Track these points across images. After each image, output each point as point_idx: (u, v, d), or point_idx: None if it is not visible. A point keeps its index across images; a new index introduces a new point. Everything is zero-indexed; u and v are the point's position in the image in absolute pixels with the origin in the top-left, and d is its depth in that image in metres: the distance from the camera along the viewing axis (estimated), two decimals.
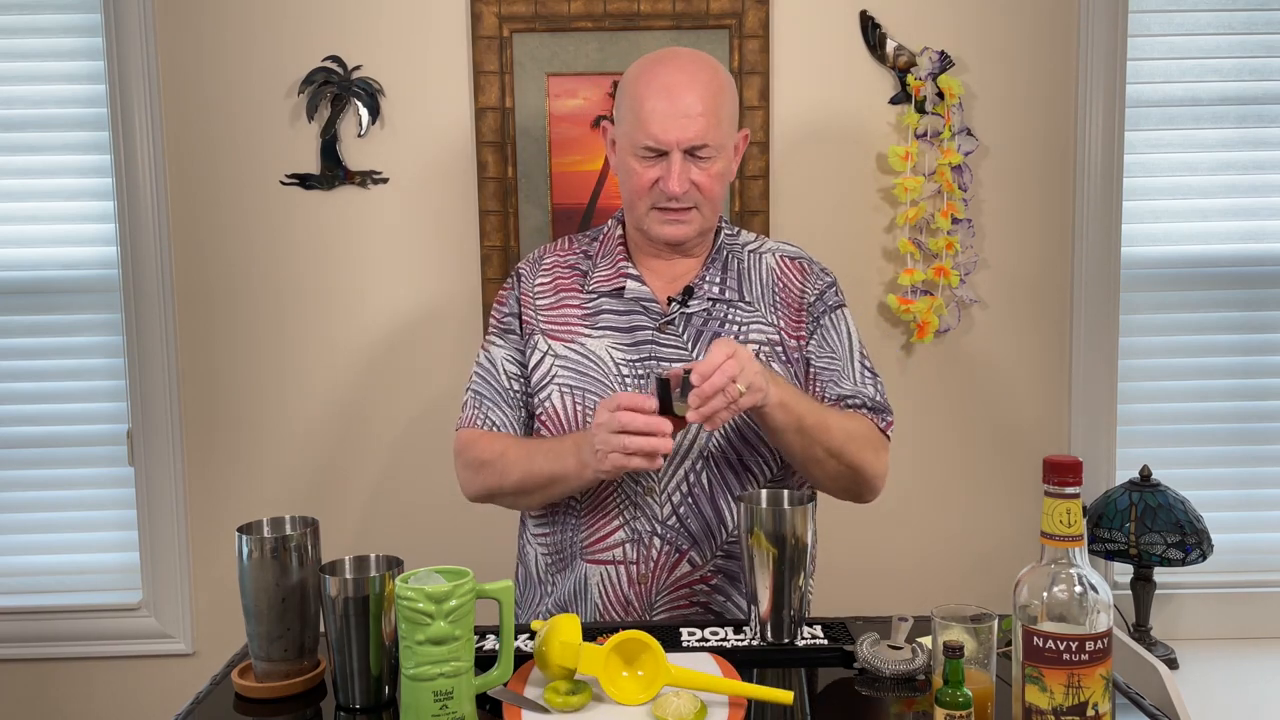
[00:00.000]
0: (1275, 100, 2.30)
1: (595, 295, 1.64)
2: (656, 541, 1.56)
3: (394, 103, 2.22)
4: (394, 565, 1.27)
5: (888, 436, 1.62)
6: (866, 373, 1.64)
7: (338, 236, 2.25)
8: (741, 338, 1.59)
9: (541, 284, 1.68)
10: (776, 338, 1.61)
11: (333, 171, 2.22)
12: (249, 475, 2.30)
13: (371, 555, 1.29)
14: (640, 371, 1.58)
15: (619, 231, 1.69)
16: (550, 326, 1.63)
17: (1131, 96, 2.26)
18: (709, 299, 1.61)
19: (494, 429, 1.64)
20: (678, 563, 1.57)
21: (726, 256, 1.66)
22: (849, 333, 1.66)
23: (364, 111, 2.21)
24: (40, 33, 2.24)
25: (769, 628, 1.39)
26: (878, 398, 1.63)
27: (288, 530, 1.31)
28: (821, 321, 1.64)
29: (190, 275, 2.26)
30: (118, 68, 2.19)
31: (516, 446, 1.59)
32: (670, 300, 1.61)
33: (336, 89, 2.20)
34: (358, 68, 2.20)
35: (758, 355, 1.56)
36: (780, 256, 1.68)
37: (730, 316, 1.61)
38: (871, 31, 2.22)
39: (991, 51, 2.23)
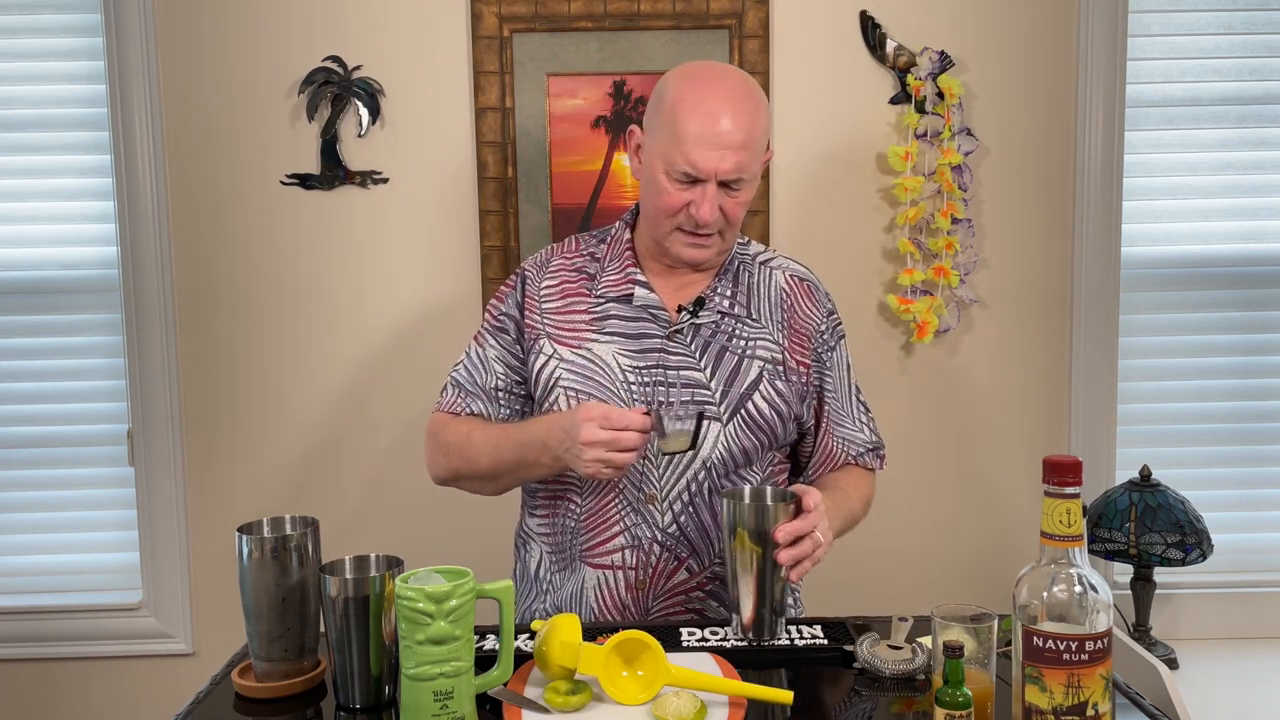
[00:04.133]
0: (1275, 100, 2.30)
1: (603, 300, 1.62)
2: (656, 548, 1.56)
3: (394, 103, 2.22)
4: (394, 565, 1.27)
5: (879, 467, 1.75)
6: (862, 409, 1.72)
7: (338, 236, 2.25)
8: (749, 354, 1.59)
9: (548, 287, 1.65)
10: (780, 357, 1.61)
11: (333, 171, 2.22)
12: (249, 475, 2.30)
13: (371, 555, 1.29)
14: (646, 379, 1.57)
15: (627, 235, 1.66)
16: (556, 331, 1.62)
17: (1131, 96, 2.26)
18: (719, 311, 1.61)
19: (473, 414, 1.65)
20: (676, 570, 1.57)
21: (737, 268, 1.65)
22: (848, 366, 1.71)
23: (364, 111, 2.21)
24: (40, 33, 2.24)
25: (751, 621, 1.38)
26: (874, 437, 1.72)
27: (288, 530, 1.31)
28: (833, 356, 1.67)
29: (190, 275, 2.26)
30: (118, 68, 2.19)
31: (482, 430, 1.60)
32: (680, 309, 1.60)
33: (336, 89, 2.20)
34: (358, 68, 2.21)
35: (760, 374, 1.59)
36: (790, 276, 1.68)
37: (738, 331, 1.61)
38: (871, 31, 2.22)
39: (991, 51, 2.23)
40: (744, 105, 1.52)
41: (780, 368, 1.61)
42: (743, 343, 1.60)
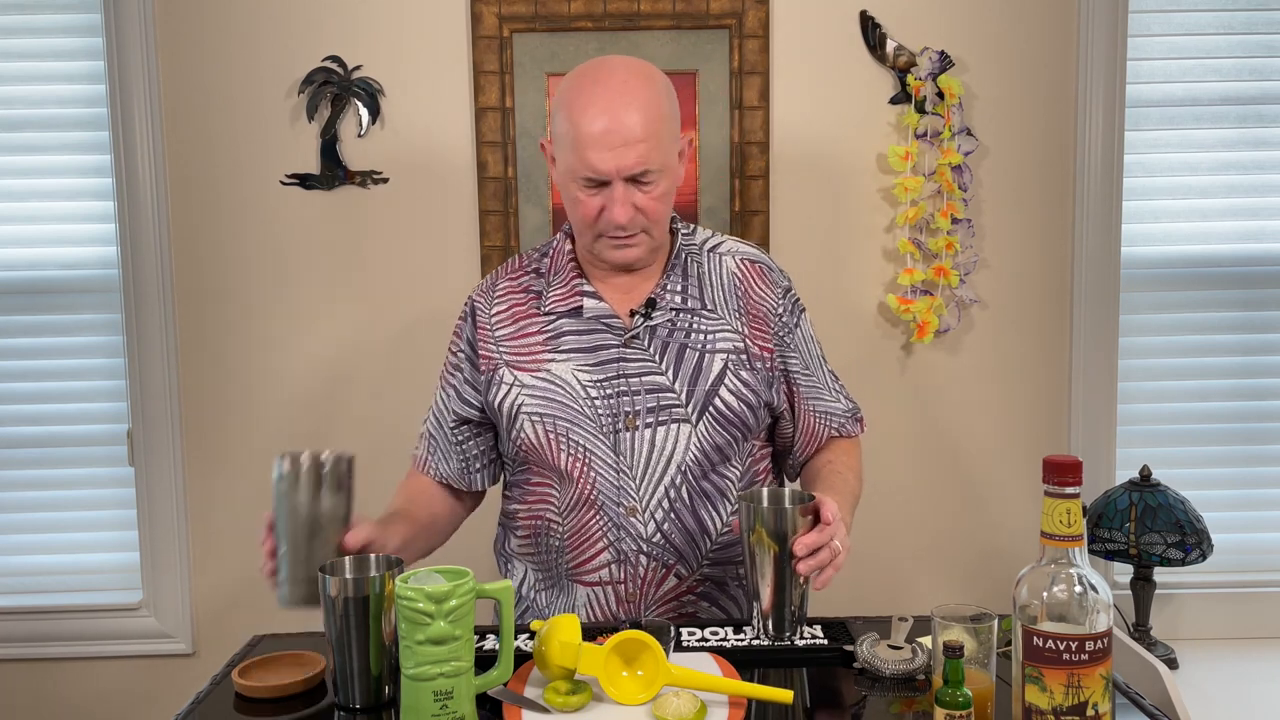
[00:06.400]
0: (1275, 100, 2.30)
1: (554, 317, 1.59)
2: (643, 559, 1.55)
3: (394, 103, 2.22)
4: (394, 565, 1.27)
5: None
6: (832, 378, 1.69)
7: (338, 236, 2.25)
8: (709, 348, 1.56)
9: (499, 313, 1.61)
10: (741, 345, 1.58)
11: (333, 171, 2.22)
12: (249, 476, 2.29)
13: (371, 555, 1.29)
14: (608, 391, 1.54)
15: (569, 246, 1.61)
16: (514, 357, 1.58)
17: (1131, 96, 2.26)
18: (672, 309, 1.57)
19: (439, 478, 1.69)
20: (665, 577, 1.56)
21: (685, 261, 1.61)
22: (813, 339, 1.67)
23: (364, 111, 2.21)
24: (40, 33, 2.24)
25: (770, 623, 1.39)
26: (850, 404, 1.70)
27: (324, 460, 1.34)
28: (796, 334, 1.63)
29: (190, 275, 2.26)
30: (118, 68, 2.19)
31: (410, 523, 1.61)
32: (633, 314, 1.57)
33: (336, 89, 2.20)
34: (358, 68, 2.21)
35: (725, 367, 1.56)
36: (741, 259, 1.64)
37: (695, 326, 1.57)
38: (871, 31, 2.22)
39: (991, 51, 2.23)
40: (634, 97, 1.46)
41: (744, 356, 1.57)
42: (702, 337, 1.57)
